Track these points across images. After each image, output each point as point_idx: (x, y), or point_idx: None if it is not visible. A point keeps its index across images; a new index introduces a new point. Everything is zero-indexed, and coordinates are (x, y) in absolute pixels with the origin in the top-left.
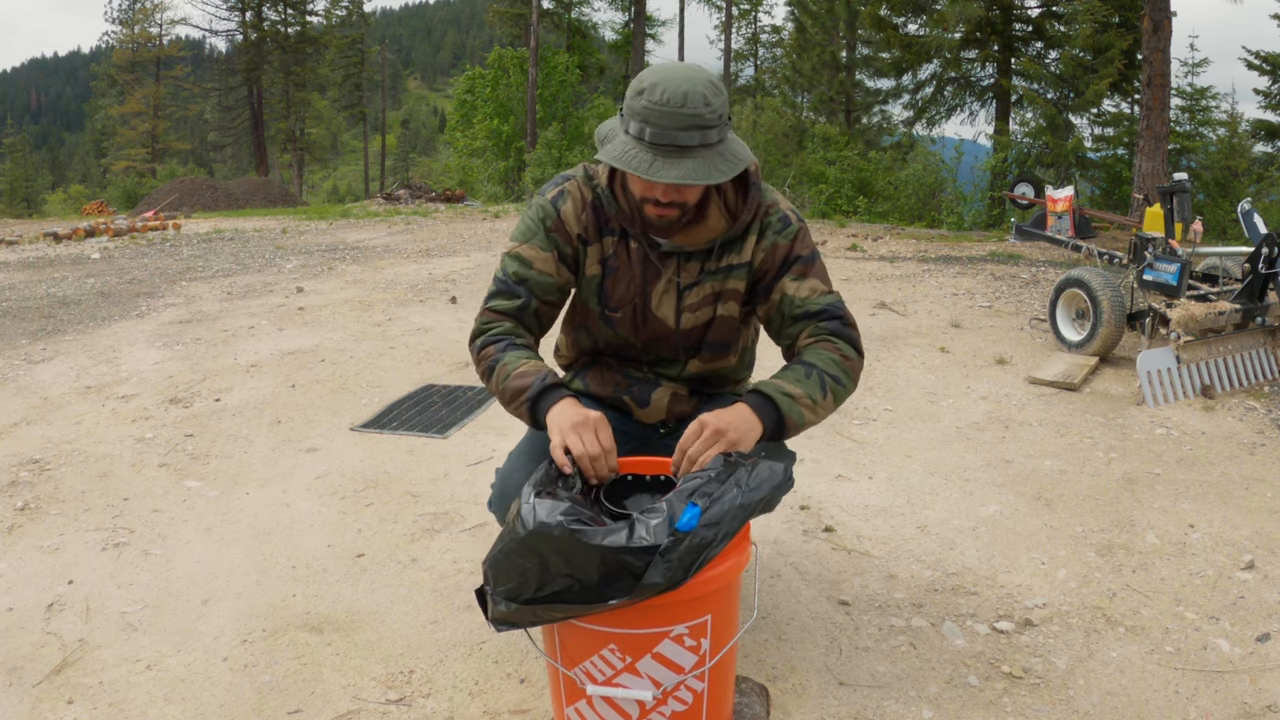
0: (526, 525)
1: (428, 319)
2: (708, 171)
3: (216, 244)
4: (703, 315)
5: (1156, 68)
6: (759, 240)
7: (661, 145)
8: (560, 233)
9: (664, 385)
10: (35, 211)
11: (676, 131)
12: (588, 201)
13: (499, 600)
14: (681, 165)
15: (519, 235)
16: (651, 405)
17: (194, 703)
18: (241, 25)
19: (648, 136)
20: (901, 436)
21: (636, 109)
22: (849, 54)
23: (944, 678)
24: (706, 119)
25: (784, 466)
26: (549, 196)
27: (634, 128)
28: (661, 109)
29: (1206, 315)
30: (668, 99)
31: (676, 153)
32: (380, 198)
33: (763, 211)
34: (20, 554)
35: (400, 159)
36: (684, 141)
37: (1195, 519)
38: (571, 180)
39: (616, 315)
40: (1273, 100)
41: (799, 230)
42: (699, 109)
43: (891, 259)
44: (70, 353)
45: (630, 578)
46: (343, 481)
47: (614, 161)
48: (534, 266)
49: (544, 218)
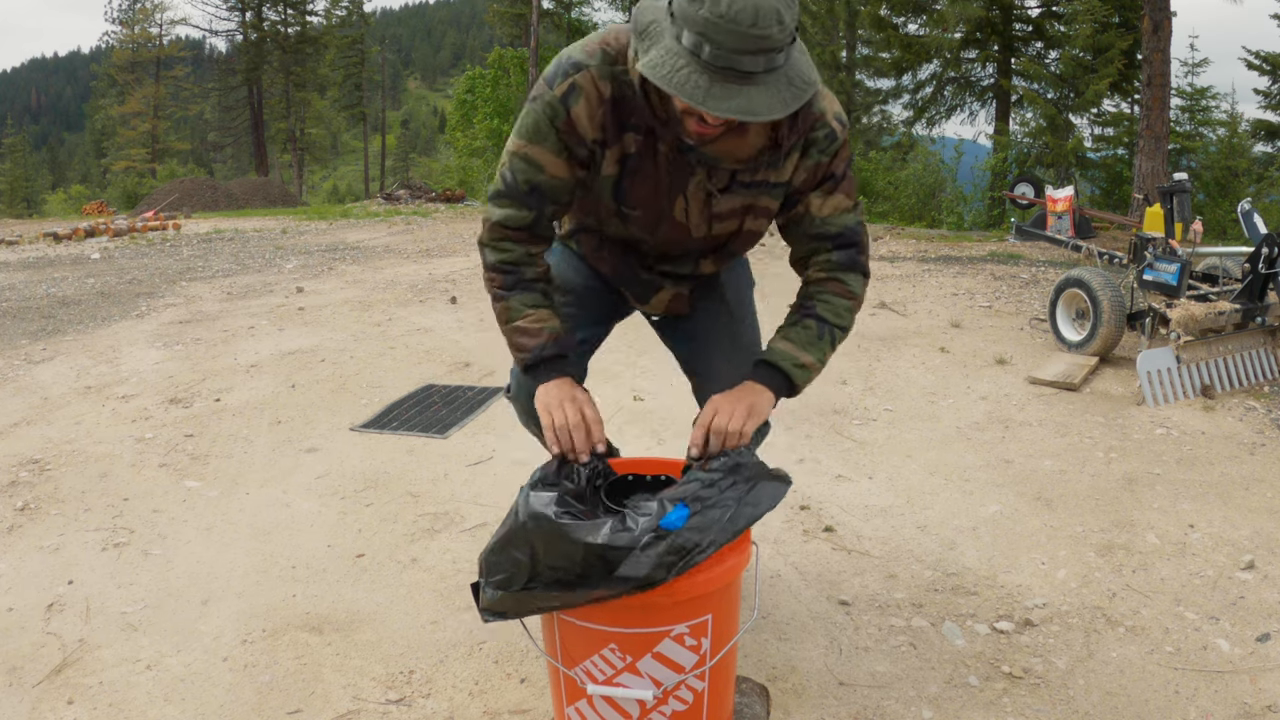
0: (521, 514)
1: (428, 319)
2: (772, 103)
3: (216, 244)
4: (728, 226)
5: (1156, 68)
6: (802, 158)
7: (720, 69)
8: (572, 135)
9: (667, 288)
10: (35, 212)
11: (740, 55)
12: (605, 98)
13: (489, 589)
14: (743, 94)
15: (526, 133)
16: (651, 304)
17: (194, 703)
18: (241, 25)
19: (705, 55)
20: (901, 436)
21: (693, 17)
22: (849, 54)
23: (944, 678)
24: (777, 40)
25: (785, 488)
26: (558, 93)
27: (688, 39)
28: (727, 26)
29: (1206, 315)
30: (735, 14)
31: (738, 78)
32: (380, 198)
33: (809, 126)
34: (20, 554)
35: (400, 159)
36: (748, 67)
37: (1195, 519)
38: (585, 72)
39: (634, 214)
40: (1273, 100)
41: (843, 144)
42: (770, 29)
43: (891, 259)
44: (70, 353)
45: (607, 572)
46: (343, 481)
47: (662, 82)
48: (546, 171)
49: (553, 117)
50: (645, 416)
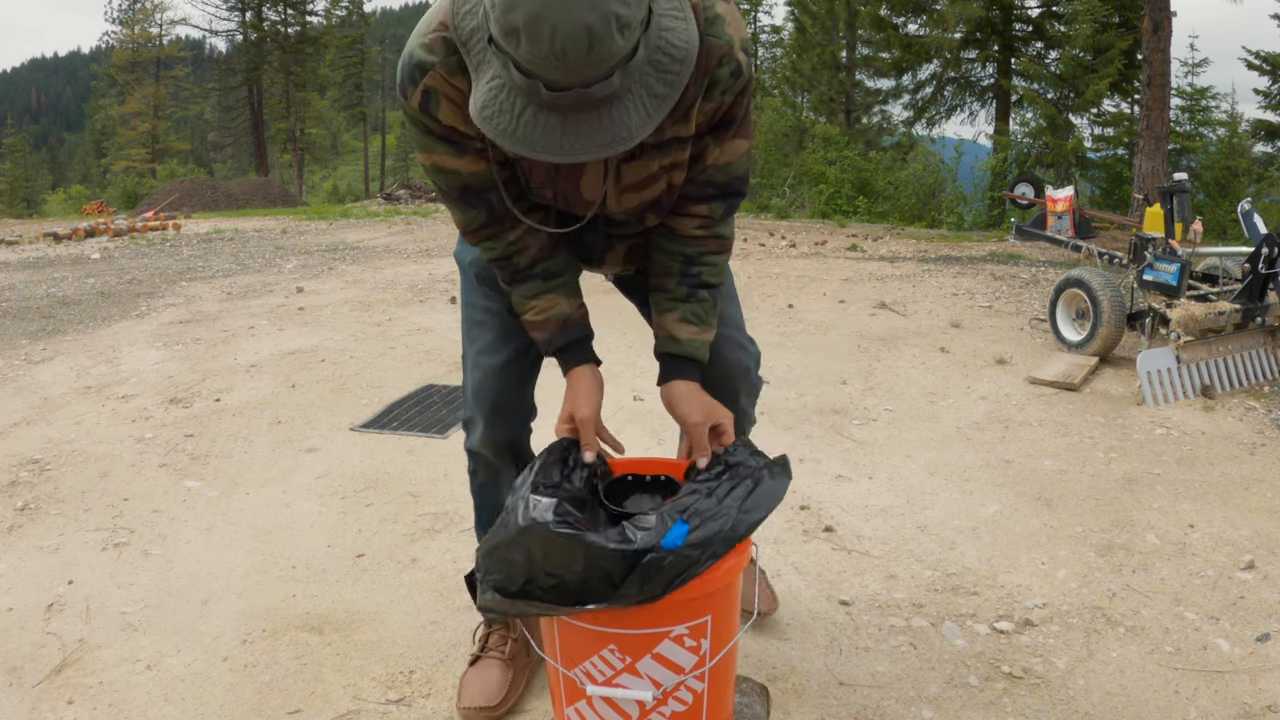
0: (520, 521)
1: (428, 319)
2: (643, 115)
3: (216, 244)
4: (650, 193)
5: (1156, 68)
6: (704, 100)
7: (565, 107)
8: (455, 135)
9: (618, 246)
10: (35, 211)
11: (585, 89)
12: (465, 92)
13: (487, 590)
14: (601, 124)
15: (419, 144)
16: (607, 262)
17: (194, 703)
18: (241, 25)
19: (544, 96)
20: (901, 436)
21: (517, 54)
22: (849, 54)
23: (944, 678)
24: (622, 50)
25: (784, 487)
26: (414, 103)
27: (519, 78)
28: (558, 65)
29: (1206, 315)
30: (563, 48)
31: (594, 105)
32: (380, 198)
33: (715, 62)
34: (20, 554)
35: (400, 159)
36: (601, 93)
37: (1195, 519)
38: (432, 73)
39: (544, 193)
40: (1273, 100)
41: (748, 80)
42: (611, 43)
43: (891, 259)
44: (70, 353)
45: (608, 586)
46: (343, 481)
47: (505, 141)
48: (462, 172)
49: (426, 127)
50: (645, 416)
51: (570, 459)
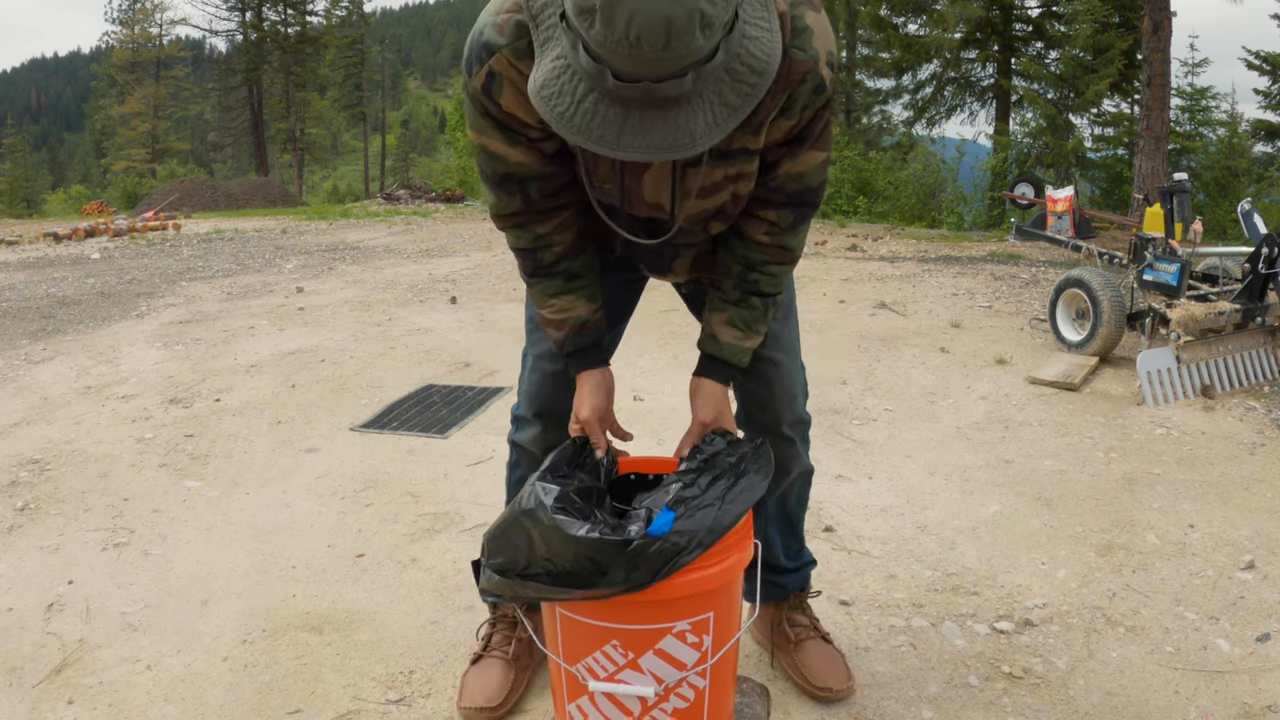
0: (524, 505)
1: (428, 319)
2: (710, 123)
3: (216, 244)
4: (714, 201)
5: (1156, 68)
6: (781, 115)
7: (630, 100)
8: (513, 123)
9: (684, 255)
10: (35, 212)
11: (654, 84)
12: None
13: (489, 570)
14: (665, 124)
15: (473, 125)
16: (674, 271)
17: (194, 703)
18: (241, 25)
19: (610, 85)
20: (901, 436)
21: (587, 36)
22: (849, 54)
23: (944, 678)
24: (701, 49)
25: (766, 480)
26: (478, 84)
27: (586, 60)
28: (630, 53)
29: (1206, 315)
30: (637, 36)
31: (658, 105)
32: (380, 198)
33: (798, 79)
34: (20, 554)
35: (400, 159)
36: (669, 92)
37: (1195, 519)
38: (499, 56)
39: (606, 187)
40: (1273, 100)
41: (829, 98)
42: (691, 41)
43: (891, 259)
44: (70, 353)
45: (599, 574)
46: (343, 481)
47: (564, 128)
48: (508, 160)
49: (485, 110)
50: (645, 416)
51: (581, 456)
